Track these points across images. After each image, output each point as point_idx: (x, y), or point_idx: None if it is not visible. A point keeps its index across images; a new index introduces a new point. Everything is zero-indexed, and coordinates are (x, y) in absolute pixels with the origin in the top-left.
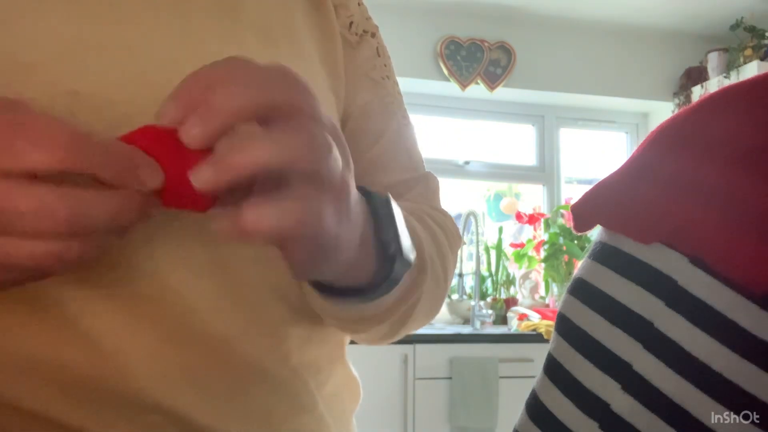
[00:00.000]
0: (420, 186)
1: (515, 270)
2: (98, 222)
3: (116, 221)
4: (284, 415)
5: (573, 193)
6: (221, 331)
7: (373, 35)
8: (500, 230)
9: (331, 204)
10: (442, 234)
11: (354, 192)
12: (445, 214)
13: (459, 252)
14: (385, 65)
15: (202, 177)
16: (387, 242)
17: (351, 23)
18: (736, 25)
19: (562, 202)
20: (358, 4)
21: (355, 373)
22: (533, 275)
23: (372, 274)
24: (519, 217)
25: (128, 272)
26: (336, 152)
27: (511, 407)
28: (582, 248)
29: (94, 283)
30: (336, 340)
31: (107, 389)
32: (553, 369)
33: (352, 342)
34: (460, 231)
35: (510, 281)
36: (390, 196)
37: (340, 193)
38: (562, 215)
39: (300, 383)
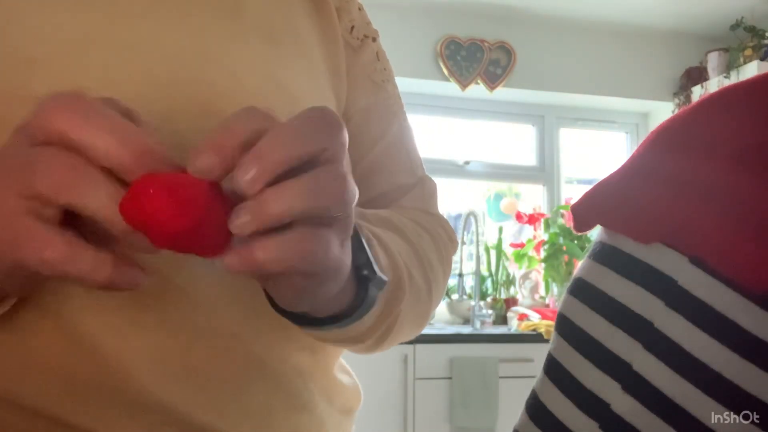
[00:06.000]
0: (416, 190)
1: (515, 270)
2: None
3: None
4: (284, 413)
5: (573, 193)
6: (226, 328)
7: (374, 40)
8: (500, 230)
9: (338, 237)
10: (430, 242)
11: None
12: (439, 218)
13: (459, 252)
14: (385, 69)
15: (240, 222)
16: (360, 266)
17: (352, 27)
18: (736, 25)
19: (562, 202)
20: (359, 9)
21: (353, 374)
22: (533, 275)
23: (348, 301)
24: (519, 217)
25: None
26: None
27: (511, 407)
28: (582, 248)
29: None
30: None
31: (108, 388)
32: (553, 369)
33: None
34: (460, 231)
35: (510, 281)
36: (357, 224)
37: (348, 228)
38: (562, 215)
39: (301, 382)
